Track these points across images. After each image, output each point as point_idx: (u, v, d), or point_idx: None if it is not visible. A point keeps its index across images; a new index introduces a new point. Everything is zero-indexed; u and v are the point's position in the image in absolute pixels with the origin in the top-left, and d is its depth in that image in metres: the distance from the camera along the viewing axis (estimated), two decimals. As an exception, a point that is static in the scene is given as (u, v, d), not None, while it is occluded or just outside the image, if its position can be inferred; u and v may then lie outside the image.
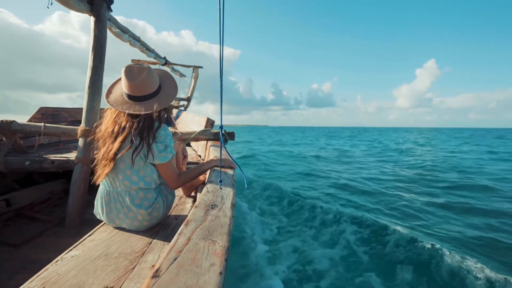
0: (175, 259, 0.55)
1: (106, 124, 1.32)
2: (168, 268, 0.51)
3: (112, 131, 1.27)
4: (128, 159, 1.24)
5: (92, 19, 2.52)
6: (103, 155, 1.27)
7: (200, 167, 1.50)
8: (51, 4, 2.16)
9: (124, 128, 1.26)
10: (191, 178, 1.49)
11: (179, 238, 0.64)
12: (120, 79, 1.41)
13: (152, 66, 1.44)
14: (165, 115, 1.42)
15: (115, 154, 1.24)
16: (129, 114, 1.28)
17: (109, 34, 2.71)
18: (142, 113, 1.27)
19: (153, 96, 1.34)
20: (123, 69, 1.30)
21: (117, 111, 1.31)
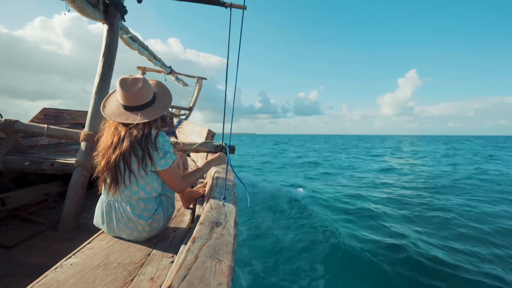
0: (185, 277, 0.57)
1: (106, 136, 1.35)
2: (179, 285, 0.54)
3: (112, 142, 1.29)
4: (129, 169, 1.26)
5: (105, 27, 2.60)
6: (103, 166, 1.29)
7: (201, 169, 1.58)
8: (68, 11, 2.23)
9: (123, 138, 1.28)
10: (194, 181, 1.55)
11: (187, 255, 0.66)
12: (114, 92, 1.45)
13: (158, 75, 1.48)
14: (170, 120, 1.45)
15: (115, 164, 1.26)
16: (126, 124, 1.31)
17: (119, 42, 2.79)
18: (139, 122, 1.29)
19: (149, 105, 1.37)
20: (118, 81, 1.33)
21: (115, 123, 1.34)
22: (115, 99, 1.41)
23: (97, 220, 1.38)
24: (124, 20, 2.87)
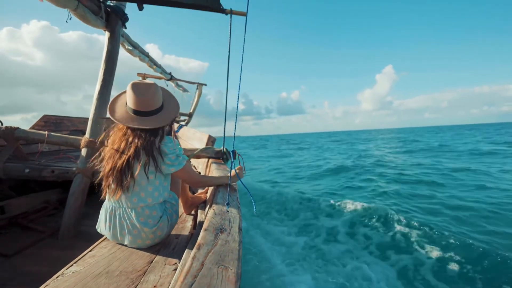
0: (192, 285, 0.56)
1: (113, 140, 1.33)
2: (186, 293, 0.52)
3: (119, 147, 1.28)
4: (136, 176, 1.24)
5: (106, 34, 2.62)
6: (108, 171, 1.27)
7: (218, 179, 1.61)
8: (70, 19, 2.25)
9: (130, 143, 1.27)
10: (209, 184, 1.66)
11: (193, 263, 0.65)
12: (120, 95, 1.45)
13: (157, 81, 1.49)
14: (168, 129, 1.45)
15: (122, 169, 1.24)
16: (135, 129, 1.30)
17: (120, 49, 2.80)
18: (149, 127, 1.29)
19: (158, 111, 1.38)
20: (129, 85, 1.33)
21: (124, 127, 1.33)
22: (122, 102, 1.40)
23: (100, 225, 1.36)
24: (125, 28, 2.89)
